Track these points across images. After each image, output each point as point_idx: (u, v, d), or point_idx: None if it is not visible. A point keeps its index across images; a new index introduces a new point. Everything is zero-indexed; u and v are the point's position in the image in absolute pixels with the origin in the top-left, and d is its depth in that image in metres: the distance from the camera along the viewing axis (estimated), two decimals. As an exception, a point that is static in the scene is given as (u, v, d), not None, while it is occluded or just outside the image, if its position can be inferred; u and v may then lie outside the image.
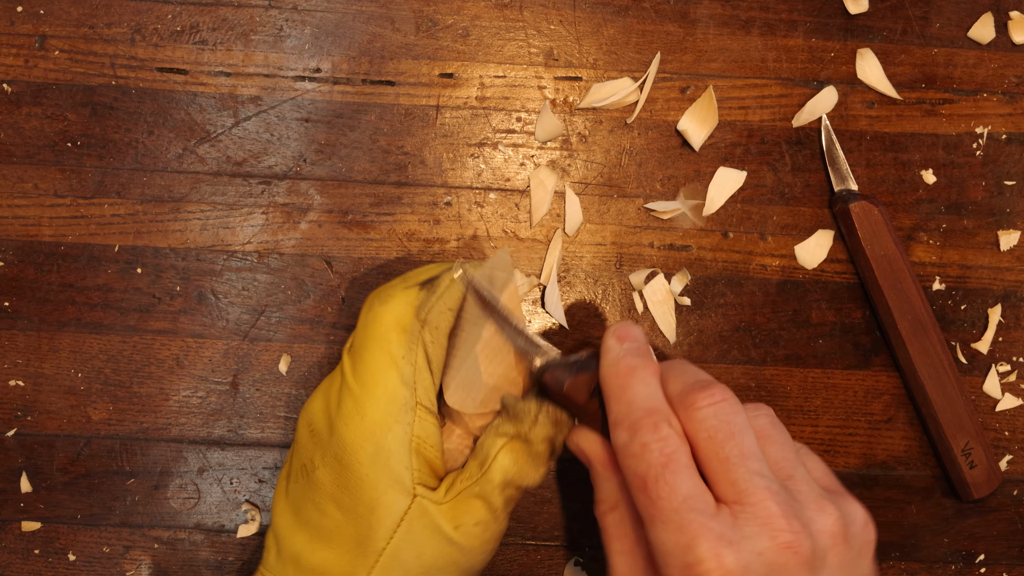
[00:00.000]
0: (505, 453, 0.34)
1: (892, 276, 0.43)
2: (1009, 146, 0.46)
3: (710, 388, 0.31)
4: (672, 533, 0.29)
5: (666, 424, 0.31)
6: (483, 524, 0.34)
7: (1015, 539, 0.45)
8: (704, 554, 0.28)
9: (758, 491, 0.29)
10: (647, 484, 0.30)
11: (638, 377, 0.33)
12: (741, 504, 0.29)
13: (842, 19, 0.46)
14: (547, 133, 0.45)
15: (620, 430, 0.31)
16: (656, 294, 0.45)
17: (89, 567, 0.44)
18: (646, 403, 0.32)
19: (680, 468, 0.30)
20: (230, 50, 0.45)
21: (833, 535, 0.30)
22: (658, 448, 0.30)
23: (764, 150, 0.45)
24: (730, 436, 0.30)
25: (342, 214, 0.44)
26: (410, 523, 0.33)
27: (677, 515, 0.29)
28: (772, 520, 0.29)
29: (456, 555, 0.34)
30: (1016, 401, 0.45)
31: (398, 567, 0.33)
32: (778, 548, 0.28)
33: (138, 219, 0.44)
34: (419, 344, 0.34)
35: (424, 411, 0.34)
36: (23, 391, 0.44)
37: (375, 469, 0.33)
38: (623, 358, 0.33)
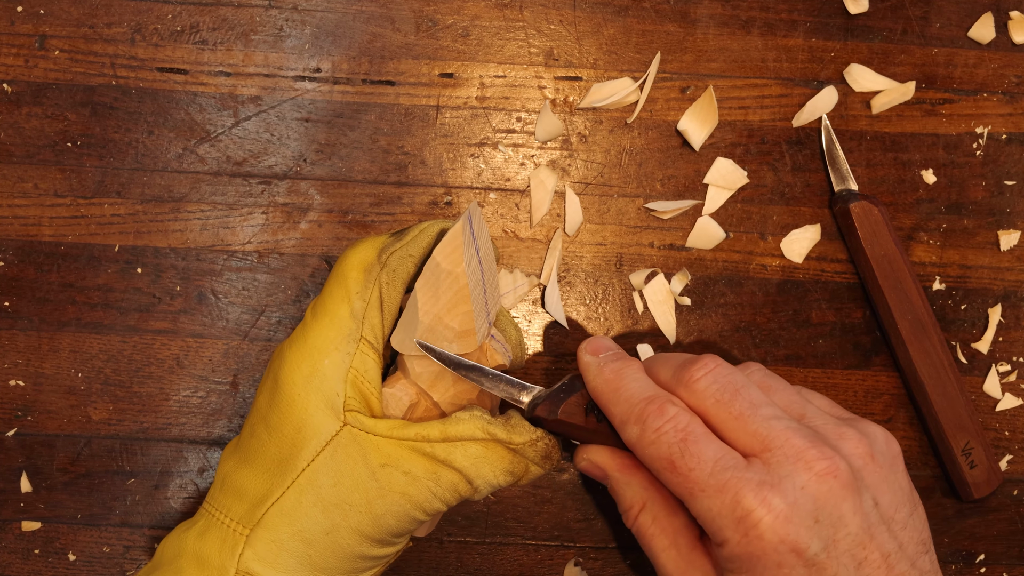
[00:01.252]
0: (480, 446, 0.34)
1: (892, 276, 0.43)
2: (1009, 146, 0.46)
3: (700, 360, 0.32)
4: (714, 498, 0.29)
5: (670, 404, 0.31)
6: (411, 477, 0.33)
7: (1015, 539, 0.45)
8: (751, 503, 0.29)
9: (780, 432, 0.30)
10: (674, 463, 0.30)
11: (627, 375, 0.33)
12: (769, 450, 0.30)
13: (842, 19, 0.46)
14: (547, 133, 0.45)
15: (630, 426, 0.32)
16: (656, 294, 0.45)
17: (89, 567, 0.44)
18: (643, 393, 0.32)
19: (699, 437, 0.30)
20: (230, 50, 0.45)
21: (862, 455, 0.31)
22: (671, 427, 0.31)
23: (764, 150, 0.45)
24: (736, 393, 0.31)
25: (342, 214, 0.44)
26: (335, 447, 0.33)
27: (713, 478, 0.29)
28: (803, 453, 0.29)
29: (372, 493, 0.33)
30: (1016, 401, 0.45)
31: (312, 491, 0.33)
32: (819, 477, 0.29)
33: (138, 219, 0.44)
34: (375, 283, 0.34)
35: (367, 346, 0.34)
36: (23, 391, 0.44)
37: (307, 390, 0.33)
38: (606, 365, 0.34)
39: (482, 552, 0.44)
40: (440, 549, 0.44)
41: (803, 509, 0.29)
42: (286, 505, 0.33)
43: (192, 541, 0.34)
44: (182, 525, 0.35)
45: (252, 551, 0.33)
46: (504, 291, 0.44)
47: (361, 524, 0.33)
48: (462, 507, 0.44)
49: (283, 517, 0.33)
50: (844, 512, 0.29)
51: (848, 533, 0.29)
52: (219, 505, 0.34)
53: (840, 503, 0.29)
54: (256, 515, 0.33)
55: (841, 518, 0.29)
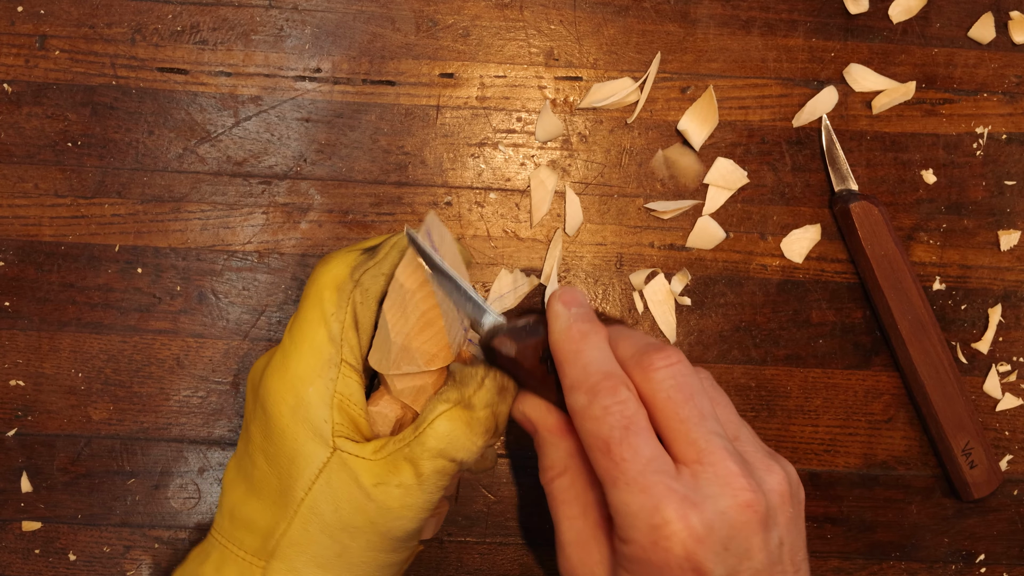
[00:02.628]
0: (444, 419, 0.33)
1: (892, 276, 0.43)
2: (1009, 146, 0.46)
3: (665, 350, 0.32)
4: (636, 495, 0.29)
5: (624, 387, 0.31)
6: (405, 488, 0.33)
7: (1015, 539, 0.45)
8: (670, 515, 0.28)
9: (717, 451, 0.30)
10: (610, 447, 0.30)
11: (591, 342, 0.32)
12: (701, 464, 0.30)
13: (842, 19, 0.46)
14: (547, 133, 0.45)
15: (578, 394, 0.31)
16: (656, 294, 0.45)
17: (89, 567, 0.44)
18: (602, 366, 0.32)
19: (641, 430, 0.30)
20: (230, 50, 0.45)
21: (781, 494, 0.31)
22: (619, 411, 0.30)
23: (764, 150, 0.45)
24: (689, 397, 0.31)
25: (342, 214, 0.44)
26: (328, 475, 0.33)
27: (642, 477, 0.29)
28: (732, 479, 0.29)
29: (373, 513, 0.33)
30: (1016, 401, 0.45)
31: (316, 520, 0.33)
32: (739, 507, 0.29)
33: (138, 219, 0.44)
34: (349, 303, 0.34)
35: (349, 369, 0.34)
36: (23, 391, 0.44)
37: (295, 420, 0.33)
38: (574, 323, 0.33)
39: (482, 552, 0.44)
40: (440, 549, 0.44)
41: (717, 534, 0.29)
42: (294, 535, 0.33)
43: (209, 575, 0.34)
44: (195, 557, 0.35)
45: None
46: (504, 291, 0.44)
47: (370, 542, 0.34)
48: (462, 507, 0.44)
49: (294, 547, 0.33)
50: (753, 546, 0.29)
51: (751, 567, 0.29)
52: (232, 538, 0.34)
53: (751, 536, 0.29)
54: (268, 547, 0.33)
55: (749, 551, 0.29)
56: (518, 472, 0.45)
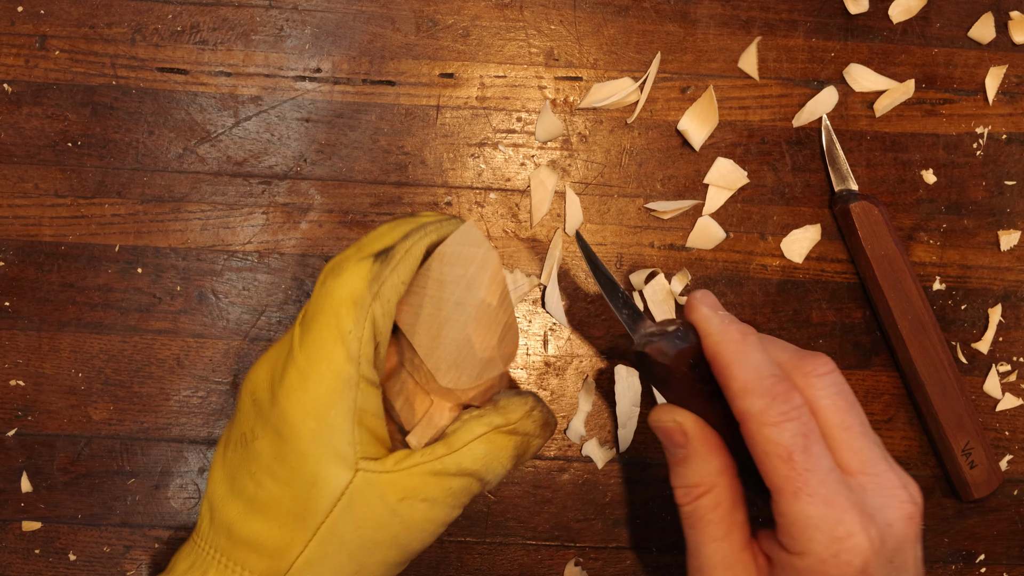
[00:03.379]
0: (482, 442, 0.33)
1: (892, 276, 0.43)
2: (1009, 146, 0.46)
3: (823, 357, 0.31)
4: (818, 506, 0.29)
5: (797, 393, 0.30)
6: (430, 502, 0.33)
7: (1015, 539, 0.45)
8: (855, 527, 0.28)
9: (879, 461, 0.30)
10: (793, 456, 0.29)
11: (752, 343, 0.31)
12: (867, 474, 0.29)
13: (842, 19, 0.46)
14: (547, 133, 0.45)
15: (753, 397, 0.30)
16: (656, 294, 0.45)
17: (89, 567, 0.44)
18: (772, 369, 0.31)
19: (819, 439, 0.30)
20: (230, 50, 0.45)
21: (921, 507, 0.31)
22: (798, 416, 0.30)
23: (764, 150, 0.45)
24: (851, 404, 0.30)
25: (342, 214, 0.44)
26: (351, 496, 0.32)
27: (824, 487, 0.29)
28: (896, 491, 0.29)
29: (397, 528, 0.33)
30: (1016, 401, 0.45)
31: (335, 540, 0.32)
32: (905, 519, 0.29)
33: (138, 219, 0.44)
34: (369, 319, 0.33)
35: (367, 384, 0.33)
36: (24, 391, 0.44)
37: (316, 444, 0.32)
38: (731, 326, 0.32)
39: (482, 552, 0.44)
40: (440, 549, 0.44)
41: (887, 546, 0.29)
42: (311, 557, 0.33)
43: None
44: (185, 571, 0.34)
45: None
46: None
47: (388, 557, 0.33)
48: (462, 507, 0.44)
49: (310, 568, 0.33)
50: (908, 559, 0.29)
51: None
52: (232, 557, 0.34)
53: (909, 548, 0.29)
54: (279, 568, 0.33)
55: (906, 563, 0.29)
56: (518, 472, 0.45)
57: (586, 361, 0.45)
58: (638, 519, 0.44)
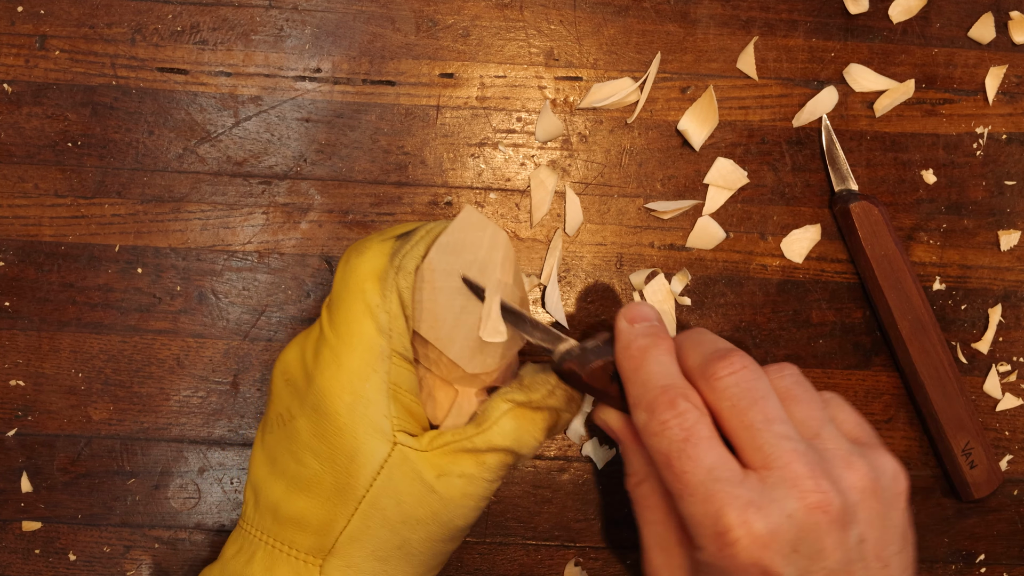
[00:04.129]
0: (510, 417, 0.34)
1: (892, 276, 0.43)
2: (1009, 146, 0.46)
3: (729, 357, 0.32)
4: (700, 504, 0.29)
5: (682, 399, 0.31)
6: (467, 477, 0.34)
7: (1015, 539, 0.45)
8: (732, 521, 0.29)
9: (784, 454, 0.30)
10: (671, 461, 0.30)
11: (651, 357, 0.33)
12: (768, 468, 0.30)
13: (842, 19, 0.46)
14: (547, 133, 0.45)
15: (639, 411, 0.32)
16: (656, 294, 0.45)
17: (89, 567, 0.44)
18: (661, 381, 0.32)
19: (701, 440, 0.30)
20: (230, 50, 0.45)
21: (862, 490, 0.30)
22: (677, 424, 0.31)
23: (764, 150, 0.45)
24: (753, 403, 0.31)
25: (342, 214, 0.44)
26: (390, 470, 0.33)
27: (703, 487, 0.29)
28: (800, 481, 0.29)
29: (436, 505, 0.33)
30: (1016, 401, 0.45)
31: (377, 514, 0.33)
32: (807, 509, 0.29)
33: (138, 219, 0.44)
34: (394, 291, 0.34)
35: (399, 359, 0.34)
36: (23, 391, 0.44)
37: (353, 417, 0.33)
38: (635, 340, 0.33)
39: (482, 552, 0.44)
40: (440, 549, 0.44)
41: (783, 537, 0.29)
42: (354, 532, 0.33)
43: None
44: (233, 556, 0.35)
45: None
46: None
47: (431, 533, 0.34)
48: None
49: (354, 543, 0.33)
50: (825, 546, 0.29)
51: (825, 567, 0.29)
52: (279, 536, 0.34)
53: (823, 537, 0.29)
54: (325, 545, 0.33)
55: (821, 551, 0.29)
56: (518, 472, 0.45)
57: (586, 361, 0.45)
58: (638, 519, 0.44)
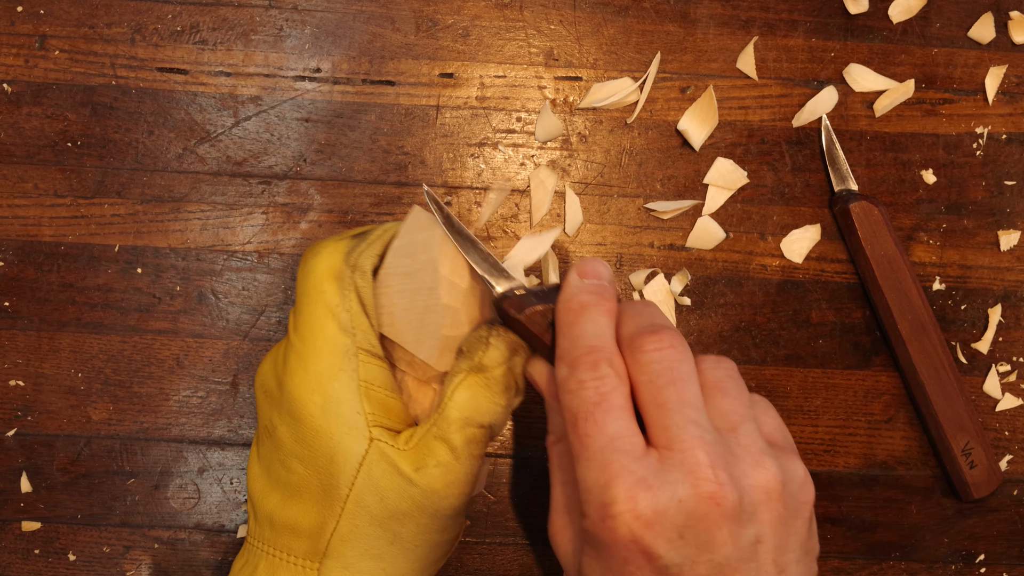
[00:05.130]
0: (461, 389, 0.33)
1: (892, 276, 0.43)
2: (1009, 146, 0.46)
3: (660, 332, 0.31)
4: (593, 471, 0.29)
5: (606, 364, 0.30)
6: (444, 466, 0.33)
7: (1015, 539, 0.45)
8: (619, 495, 0.28)
9: (689, 439, 0.29)
10: (577, 421, 0.30)
11: (588, 315, 0.32)
12: (670, 450, 0.29)
13: (842, 19, 0.46)
14: (547, 133, 0.45)
15: (561, 365, 0.31)
16: (656, 294, 0.45)
17: (89, 567, 0.44)
18: (590, 341, 0.31)
19: (611, 408, 0.30)
20: (230, 50, 0.45)
21: (767, 491, 0.30)
22: (593, 387, 0.30)
23: (764, 150, 0.45)
24: (670, 382, 0.30)
25: (342, 214, 0.44)
26: (369, 467, 0.33)
27: (601, 454, 0.29)
28: (698, 469, 0.28)
29: (419, 498, 0.33)
30: (1016, 401, 0.45)
31: (363, 513, 0.33)
32: (699, 497, 0.28)
33: (138, 219, 0.44)
34: (352, 290, 0.34)
35: (367, 355, 0.33)
36: (23, 391, 0.44)
37: (327, 419, 0.33)
38: (578, 294, 0.33)
39: (482, 552, 0.44)
40: (440, 549, 0.44)
41: (670, 521, 0.28)
42: (344, 532, 0.33)
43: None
44: (238, 571, 0.35)
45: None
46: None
47: (421, 524, 0.34)
48: (462, 507, 0.44)
49: (345, 543, 0.33)
50: (715, 538, 0.28)
51: (712, 559, 0.28)
52: (276, 545, 0.34)
53: (714, 529, 0.28)
54: (319, 548, 0.33)
55: (710, 543, 0.28)
56: (518, 472, 0.45)
57: (586, 361, 0.45)
58: (638, 519, 0.44)
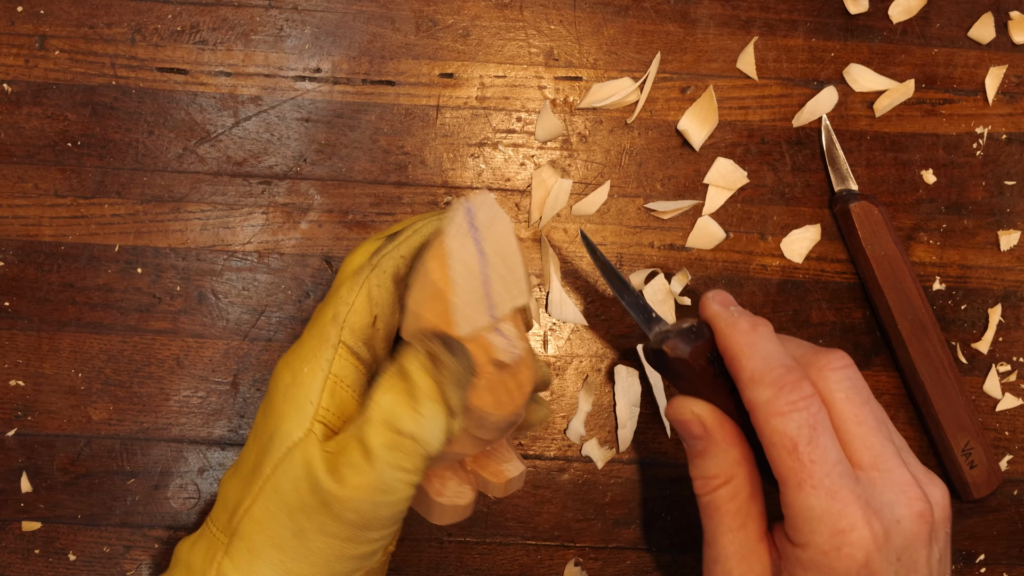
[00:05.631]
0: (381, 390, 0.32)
1: (892, 276, 0.43)
2: (1009, 146, 0.46)
3: (838, 352, 0.31)
4: (823, 498, 0.28)
5: (807, 382, 0.30)
6: (354, 467, 0.31)
7: (1015, 539, 0.45)
8: (857, 520, 0.28)
9: (893, 457, 0.29)
10: (798, 446, 0.29)
11: (763, 333, 0.31)
12: (878, 470, 0.29)
13: (842, 19, 0.46)
14: (547, 133, 0.45)
15: (761, 387, 0.30)
16: (656, 294, 0.45)
17: (89, 567, 0.44)
18: (783, 359, 0.31)
19: (827, 430, 0.29)
20: (230, 50, 0.45)
21: (945, 508, 0.30)
22: (806, 407, 0.29)
23: (764, 150, 0.45)
24: (867, 400, 0.30)
25: (342, 214, 0.44)
26: (294, 453, 0.32)
27: (829, 479, 0.28)
28: (908, 488, 0.29)
29: (326, 494, 0.31)
30: (1016, 401, 0.45)
31: (277, 498, 0.32)
32: (914, 516, 0.29)
33: (138, 219, 0.44)
34: (363, 286, 0.33)
35: (345, 350, 0.33)
36: (23, 391, 0.44)
37: (285, 399, 0.33)
38: (741, 317, 0.32)
39: (482, 552, 0.44)
40: (440, 549, 0.44)
41: (893, 543, 0.28)
42: (256, 512, 0.32)
43: (185, 550, 0.34)
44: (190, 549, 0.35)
45: (229, 560, 0.32)
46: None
47: (324, 525, 0.32)
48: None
49: (254, 524, 0.32)
50: (919, 559, 0.29)
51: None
52: (213, 515, 0.34)
53: (920, 548, 0.29)
54: (233, 523, 0.33)
55: (916, 563, 0.29)
56: (518, 472, 0.45)
57: (586, 361, 0.45)
58: (638, 519, 0.44)
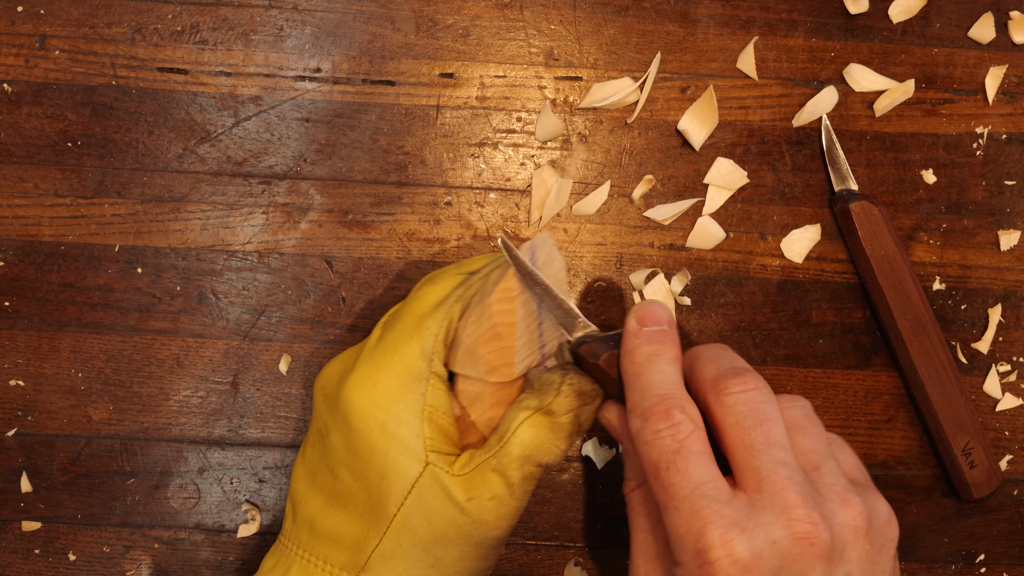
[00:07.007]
0: (526, 427, 0.34)
1: (892, 276, 0.43)
2: (1009, 146, 0.46)
3: (744, 375, 0.31)
4: (684, 519, 0.29)
5: (678, 410, 0.31)
6: (498, 499, 0.33)
7: (1015, 539, 0.45)
8: (715, 540, 0.28)
9: (779, 479, 0.29)
10: (659, 471, 0.30)
11: (653, 364, 0.32)
12: (760, 492, 0.29)
13: (842, 19, 0.46)
14: (547, 133, 0.45)
15: (634, 418, 0.31)
16: (656, 294, 0.45)
17: (89, 567, 0.44)
18: (659, 390, 0.31)
19: (692, 454, 0.30)
20: (230, 50, 0.45)
21: (855, 528, 0.30)
22: (670, 435, 0.30)
23: (764, 150, 0.45)
24: (757, 423, 0.30)
25: (342, 214, 0.44)
26: (420, 490, 0.33)
27: (689, 501, 0.29)
28: (790, 509, 0.29)
29: (468, 527, 0.33)
30: (1016, 401, 0.45)
31: (408, 534, 0.33)
32: (793, 538, 0.28)
33: (138, 219, 0.44)
34: (447, 318, 0.34)
35: (437, 380, 0.34)
36: (23, 391, 0.44)
37: (385, 436, 0.33)
38: (641, 345, 0.33)
39: (482, 552, 0.44)
40: (440, 549, 0.44)
41: (766, 563, 0.28)
42: (386, 550, 0.33)
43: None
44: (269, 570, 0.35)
45: None
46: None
47: (464, 552, 0.34)
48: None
49: (386, 562, 0.33)
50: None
51: None
52: (314, 551, 0.34)
53: (808, 570, 0.28)
54: (359, 561, 0.34)
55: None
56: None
57: (586, 361, 0.45)
58: (638, 519, 0.44)
